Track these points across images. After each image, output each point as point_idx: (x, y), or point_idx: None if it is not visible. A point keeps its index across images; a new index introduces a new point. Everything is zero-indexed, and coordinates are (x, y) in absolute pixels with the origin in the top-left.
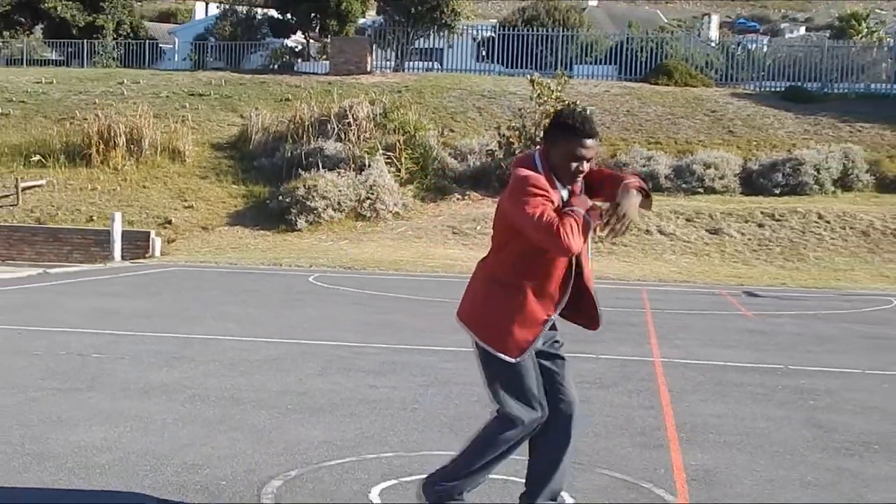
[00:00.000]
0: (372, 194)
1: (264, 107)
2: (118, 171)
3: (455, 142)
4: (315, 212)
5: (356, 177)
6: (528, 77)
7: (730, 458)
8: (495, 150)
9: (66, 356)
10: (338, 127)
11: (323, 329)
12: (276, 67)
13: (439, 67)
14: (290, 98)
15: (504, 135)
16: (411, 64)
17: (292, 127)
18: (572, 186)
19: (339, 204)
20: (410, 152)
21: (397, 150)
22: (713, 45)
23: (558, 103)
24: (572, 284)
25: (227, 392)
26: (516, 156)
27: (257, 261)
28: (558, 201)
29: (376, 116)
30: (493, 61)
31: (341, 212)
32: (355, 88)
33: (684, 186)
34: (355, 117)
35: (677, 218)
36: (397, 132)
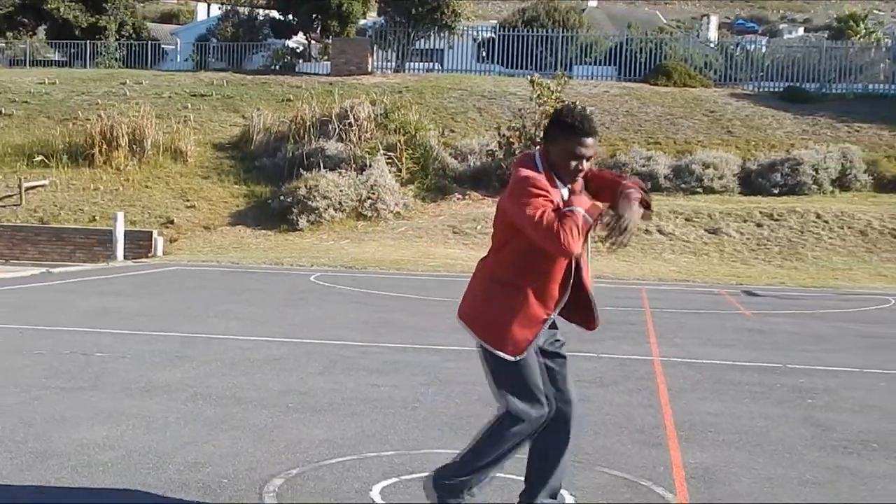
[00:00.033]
0: (373, 194)
1: (266, 107)
2: (121, 171)
3: (455, 142)
4: (316, 211)
5: (357, 177)
6: (528, 78)
7: (728, 457)
8: (495, 151)
9: (68, 355)
10: (339, 127)
11: (324, 328)
12: (277, 68)
13: (440, 68)
14: (292, 98)
15: (504, 135)
16: (412, 64)
17: (294, 127)
18: (572, 185)
19: (340, 204)
20: (411, 152)
21: (398, 151)
22: (712, 45)
23: (558, 104)
24: (571, 284)
25: (229, 391)
26: (516, 156)
27: (259, 260)
28: (559, 200)
29: (377, 117)
30: (494, 62)
31: (342, 211)
32: (356, 89)
33: (683, 186)
34: (356, 118)
35: (676, 217)
36: (398, 132)
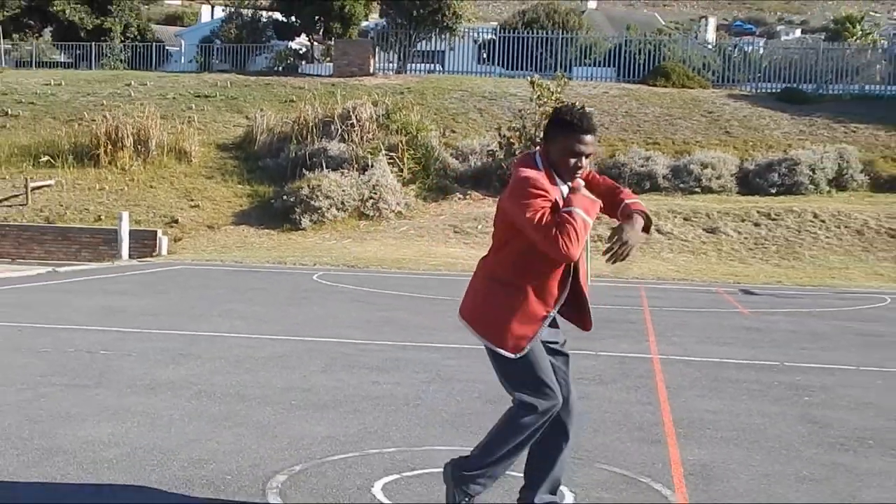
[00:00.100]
0: (375, 194)
1: (269, 108)
2: (126, 172)
3: (456, 142)
4: (319, 211)
5: (359, 177)
6: (529, 79)
7: (726, 453)
8: (496, 151)
9: (74, 353)
10: (341, 128)
11: (327, 326)
12: (280, 69)
13: (441, 69)
14: (295, 99)
15: (504, 135)
16: (413, 66)
17: (297, 128)
18: (572, 183)
19: (342, 203)
20: (413, 153)
21: (400, 151)
22: (710, 47)
23: (558, 104)
24: (574, 286)
25: (233, 388)
26: (517, 156)
27: (262, 259)
28: (559, 198)
29: (379, 117)
30: (494, 63)
31: (345, 211)
32: (358, 90)
33: (682, 186)
34: (358, 118)
35: (675, 217)
36: (400, 133)
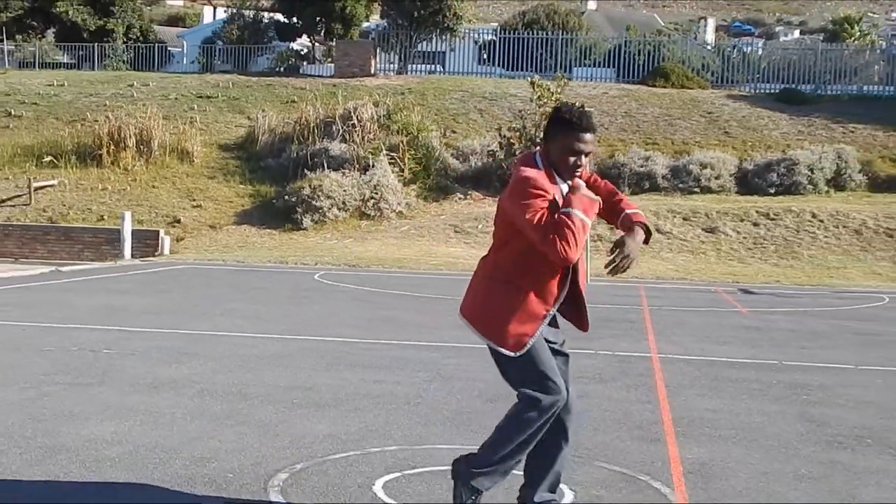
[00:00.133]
0: (376, 194)
1: (271, 109)
2: (128, 172)
3: (457, 142)
4: (320, 211)
5: (360, 177)
6: (529, 79)
7: (725, 452)
8: (496, 151)
9: (77, 352)
10: (342, 128)
11: (328, 326)
12: (282, 70)
13: (441, 70)
14: (296, 100)
15: (505, 136)
16: (414, 67)
17: (298, 128)
18: (572, 182)
19: (343, 203)
20: (413, 153)
21: (401, 151)
22: (709, 48)
23: (558, 104)
24: (571, 285)
25: (235, 387)
26: (517, 156)
27: (264, 259)
28: (558, 197)
29: (380, 118)
30: (494, 64)
31: (346, 211)
32: (359, 90)
33: (681, 186)
34: (359, 119)
35: (674, 217)
36: (401, 133)
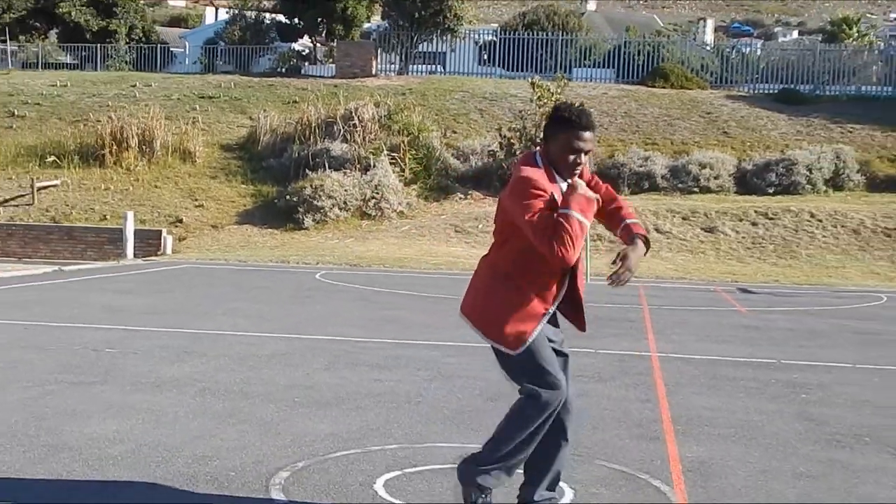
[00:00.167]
0: (377, 194)
1: (272, 109)
2: (131, 172)
3: (457, 143)
4: (322, 211)
5: (361, 177)
6: (529, 80)
7: (724, 450)
8: (496, 151)
9: (79, 351)
10: (344, 128)
11: (329, 325)
12: (283, 71)
13: (442, 70)
14: (298, 100)
15: (505, 136)
16: (415, 67)
17: (299, 128)
18: (571, 181)
19: (345, 203)
20: (414, 153)
21: (401, 151)
22: (708, 48)
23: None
24: (569, 283)
25: (237, 386)
26: (517, 156)
27: (266, 258)
28: (558, 195)
29: (381, 118)
30: (495, 65)
31: (347, 211)
32: (361, 91)
33: (680, 186)
34: (361, 119)
35: (673, 217)
36: (401, 133)
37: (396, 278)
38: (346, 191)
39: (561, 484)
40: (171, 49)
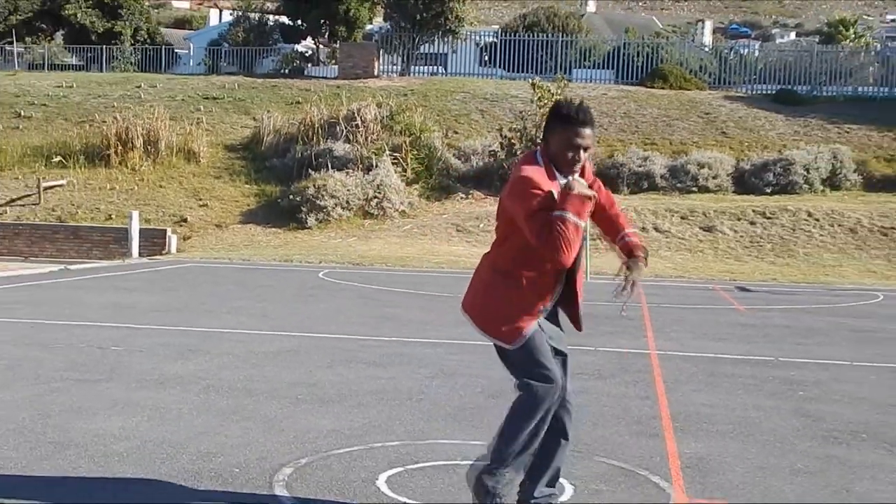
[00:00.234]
0: (379, 193)
1: (276, 109)
2: (136, 172)
3: (459, 143)
4: (324, 210)
5: (364, 176)
6: (529, 81)
7: (722, 447)
8: (497, 151)
9: (85, 348)
10: (346, 129)
11: (332, 323)
12: (287, 72)
13: (443, 72)
14: (301, 101)
15: (506, 136)
16: (417, 68)
17: (303, 129)
18: (570, 180)
19: (347, 203)
20: (416, 153)
21: (403, 151)
22: (707, 49)
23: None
24: (568, 282)
25: (241, 383)
26: (518, 156)
27: (269, 257)
28: (558, 191)
29: (383, 119)
30: (496, 66)
31: (350, 210)
32: (363, 92)
33: (679, 186)
34: (363, 119)
35: (672, 216)
36: (403, 134)
37: (398, 277)
38: (348, 190)
39: (561, 480)
40: (176, 50)
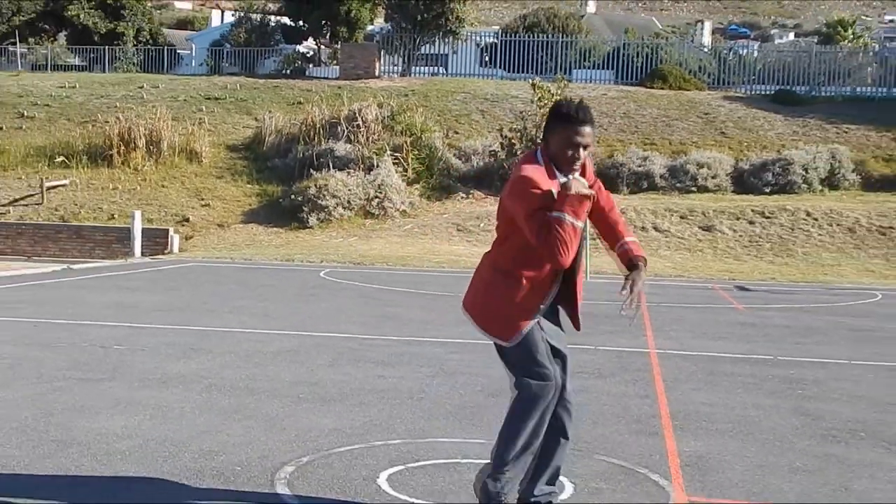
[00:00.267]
0: (380, 193)
1: (277, 110)
2: (138, 172)
3: (459, 143)
4: (326, 210)
5: (365, 176)
6: (530, 81)
7: (721, 445)
8: (498, 151)
9: (88, 347)
10: (347, 129)
11: (334, 322)
12: (288, 72)
13: (444, 72)
14: (302, 101)
15: (506, 136)
16: (417, 69)
17: (304, 129)
18: (569, 179)
19: (348, 202)
20: (417, 153)
21: (404, 151)
22: (706, 50)
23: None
24: (568, 281)
25: (242, 382)
26: (518, 156)
27: (271, 257)
28: (557, 189)
29: (384, 119)
30: (496, 66)
31: (351, 210)
32: (364, 92)
33: (678, 185)
34: (364, 120)
35: (672, 215)
36: (404, 134)
37: (399, 276)
38: (349, 190)
39: (561, 478)
40: (178, 51)
